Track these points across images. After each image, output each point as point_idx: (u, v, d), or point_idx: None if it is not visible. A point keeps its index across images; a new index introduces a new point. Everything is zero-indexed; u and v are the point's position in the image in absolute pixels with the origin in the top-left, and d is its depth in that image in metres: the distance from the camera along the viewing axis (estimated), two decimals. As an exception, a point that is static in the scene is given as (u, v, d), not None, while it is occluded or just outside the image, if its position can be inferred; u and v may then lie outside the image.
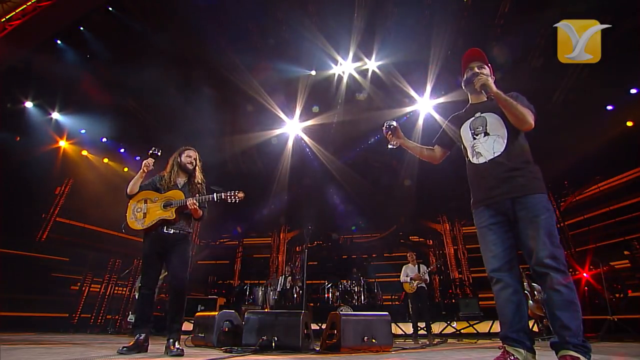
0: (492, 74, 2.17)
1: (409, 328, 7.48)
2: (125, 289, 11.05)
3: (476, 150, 2.04)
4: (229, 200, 3.07)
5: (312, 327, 3.79)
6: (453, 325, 8.00)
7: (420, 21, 7.49)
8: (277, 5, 7.54)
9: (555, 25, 2.37)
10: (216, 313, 4.02)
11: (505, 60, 7.12)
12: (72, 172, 10.51)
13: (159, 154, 3.19)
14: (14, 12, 6.73)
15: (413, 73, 8.46)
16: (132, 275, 10.29)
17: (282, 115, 9.74)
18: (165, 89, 8.33)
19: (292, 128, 10.24)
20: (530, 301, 5.68)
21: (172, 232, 3.05)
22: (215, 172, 7.73)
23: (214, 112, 8.81)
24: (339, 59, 8.43)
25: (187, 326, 6.20)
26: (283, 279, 8.53)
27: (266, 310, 7.81)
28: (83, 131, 9.82)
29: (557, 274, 1.69)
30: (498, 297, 1.88)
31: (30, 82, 8.26)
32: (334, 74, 8.87)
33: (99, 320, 10.33)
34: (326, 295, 9.18)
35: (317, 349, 3.47)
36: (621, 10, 5.81)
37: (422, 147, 2.40)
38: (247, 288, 9.33)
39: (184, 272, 3.03)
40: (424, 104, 9.06)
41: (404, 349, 4.05)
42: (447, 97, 8.60)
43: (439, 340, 6.01)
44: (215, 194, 3.10)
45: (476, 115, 2.10)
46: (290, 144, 10.62)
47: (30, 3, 6.72)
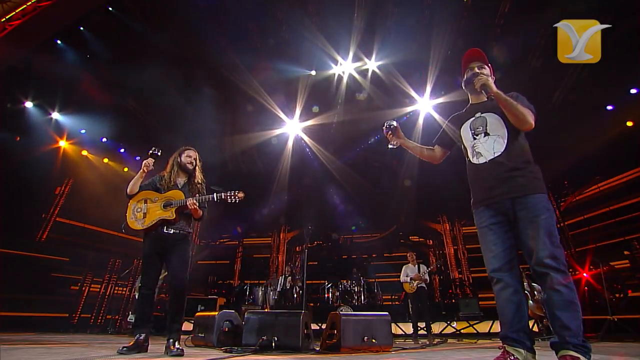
0: (492, 74, 2.18)
1: (409, 328, 7.47)
2: (125, 289, 11.05)
3: (476, 151, 2.04)
4: (229, 200, 3.07)
5: (312, 327, 3.79)
6: (453, 325, 8.00)
7: (420, 21, 7.50)
8: (277, 5, 7.54)
9: (555, 25, 2.37)
10: (216, 313, 4.02)
11: (505, 60, 7.12)
12: (72, 172, 10.51)
13: (159, 154, 3.19)
14: (14, 12, 6.73)
15: (413, 73, 8.47)
16: (132, 275, 10.28)
17: (282, 115, 9.74)
18: (165, 89, 8.33)
19: (292, 128, 10.24)
20: (530, 301, 5.69)
21: (172, 232, 3.06)
22: (216, 172, 7.72)
23: (214, 112, 8.80)
24: (339, 59, 8.43)
25: (187, 326, 6.20)
26: (283, 279, 8.53)
27: (266, 310, 7.81)
28: (83, 131, 9.82)
29: (557, 274, 1.70)
30: (498, 297, 1.89)
31: (30, 82, 8.27)
32: (334, 74, 8.87)
33: (99, 320, 10.33)
34: (326, 295, 9.18)
35: (317, 349, 3.47)
36: (621, 10, 5.81)
37: (422, 147, 2.40)
38: (247, 288, 9.33)
39: (184, 272, 3.03)
40: (424, 104, 9.07)
41: (404, 349, 4.05)
42: (447, 97, 8.60)
43: (439, 340, 6.00)
44: (215, 194, 3.10)
45: (476, 115, 2.10)
46: (290, 144, 10.62)
47: (30, 3, 6.72)
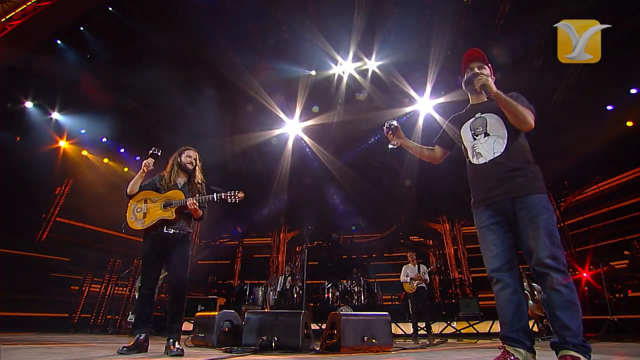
0: (492, 74, 2.18)
1: (409, 328, 7.48)
2: (125, 289, 11.05)
3: (476, 151, 2.04)
4: (229, 200, 3.07)
5: (312, 327, 3.79)
6: (453, 325, 8.00)
7: (420, 21, 7.49)
8: (277, 5, 7.54)
9: (555, 25, 2.37)
10: (216, 313, 4.02)
11: (505, 60, 7.12)
12: (72, 172, 10.51)
13: (159, 154, 3.19)
14: (14, 12, 6.73)
15: (413, 73, 8.46)
16: (132, 275, 10.28)
17: (282, 115, 9.73)
18: (165, 89, 8.32)
19: (292, 128, 10.23)
20: (530, 301, 5.69)
21: (172, 232, 3.06)
22: (216, 172, 7.73)
23: (214, 112, 8.79)
24: (339, 59, 8.43)
25: (187, 326, 6.20)
26: (283, 279, 8.53)
27: (266, 310, 7.81)
28: (83, 131, 9.82)
29: (557, 274, 1.70)
30: (498, 297, 1.89)
31: (30, 82, 8.26)
32: (334, 74, 8.86)
33: (99, 320, 10.33)
34: (326, 295, 9.18)
35: (317, 349, 3.47)
36: (621, 10, 5.81)
37: (423, 147, 2.40)
38: (247, 288, 9.33)
39: (184, 272, 3.03)
40: (424, 104, 9.06)
41: (404, 349, 4.05)
42: (447, 97, 8.60)
43: (439, 340, 6.00)
44: (215, 194, 3.10)
45: (476, 115, 2.10)
46: (290, 144, 10.61)
47: (30, 3, 6.72)
